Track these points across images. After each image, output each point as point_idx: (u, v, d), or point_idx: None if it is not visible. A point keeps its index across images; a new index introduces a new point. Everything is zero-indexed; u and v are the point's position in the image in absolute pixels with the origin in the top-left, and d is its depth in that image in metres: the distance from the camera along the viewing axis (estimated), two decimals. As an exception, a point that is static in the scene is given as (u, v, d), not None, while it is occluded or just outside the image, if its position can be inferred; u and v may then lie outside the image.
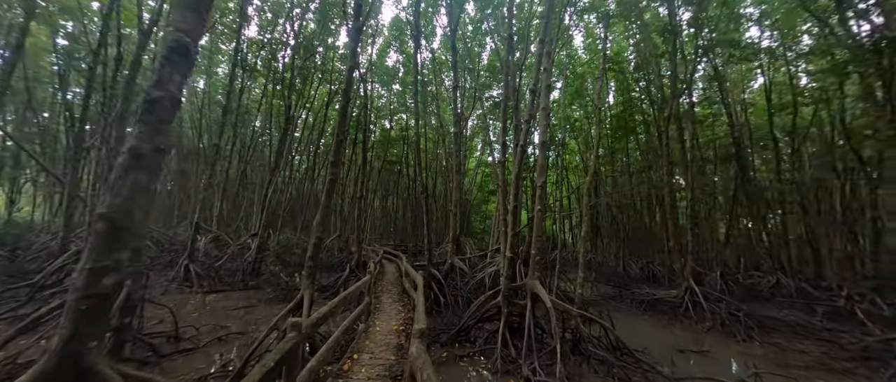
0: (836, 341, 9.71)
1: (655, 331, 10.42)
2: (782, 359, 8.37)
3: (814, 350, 9.10)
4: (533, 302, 7.76)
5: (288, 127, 16.50)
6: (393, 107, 30.41)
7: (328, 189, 7.07)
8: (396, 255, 18.43)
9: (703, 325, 10.76)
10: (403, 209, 35.38)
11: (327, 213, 7.03)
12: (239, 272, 13.73)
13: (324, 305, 7.14)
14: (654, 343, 8.79)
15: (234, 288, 12.89)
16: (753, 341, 9.46)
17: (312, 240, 6.91)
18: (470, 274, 11.39)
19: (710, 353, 8.52)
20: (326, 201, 7.08)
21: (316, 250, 6.87)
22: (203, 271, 13.41)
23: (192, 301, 10.90)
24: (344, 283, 12.29)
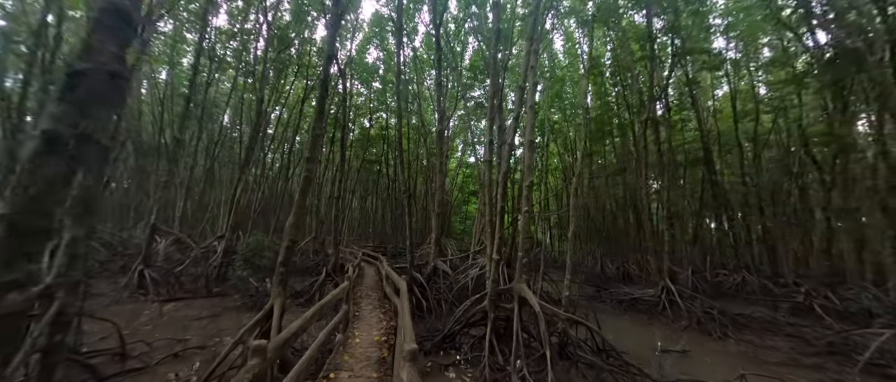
0: (801, 336, 10.11)
1: (636, 331, 10.45)
2: (756, 356, 8.55)
3: (783, 346, 9.40)
4: (520, 306, 7.47)
5: (260, 121, 15.44)
6: (372, 106, 29.53)
7: (303, 187, 6.43)
8: (376, 257, 17.73)
9: (680, 323, 10.92)
10: (382, 210, 34.52)
11: (301, 213, 6.40)
12: (203, 278, 12.61)
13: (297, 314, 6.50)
14: (635, 344, 8.74)
15: (198, 295, 11.81)
16: (728, 338, 9.65)
17: (285, 243, 6.25)
18: (453, 276, 10.98)
19: (689, 353, 8.56)
20: (301, 200, 6.44)
21: (288, 254, 6.22)
22: (161, 277, 12.20)
23: (148, 311, 9.81)
24: (320, 289, 11.53)
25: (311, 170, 6.45)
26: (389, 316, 7.34)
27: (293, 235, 6.27)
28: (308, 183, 6.41)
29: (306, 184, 6.39)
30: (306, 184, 6.39)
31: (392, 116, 32.04)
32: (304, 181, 6.40)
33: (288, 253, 6.23)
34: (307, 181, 6.40)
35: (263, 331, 5.87)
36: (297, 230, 6.35)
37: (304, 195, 6.41)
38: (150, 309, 9.98)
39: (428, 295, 10.23)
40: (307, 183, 6.39)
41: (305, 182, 6.40)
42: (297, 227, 6.33)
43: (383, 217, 34.25)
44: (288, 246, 6.24)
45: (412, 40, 23.07)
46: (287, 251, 6.23)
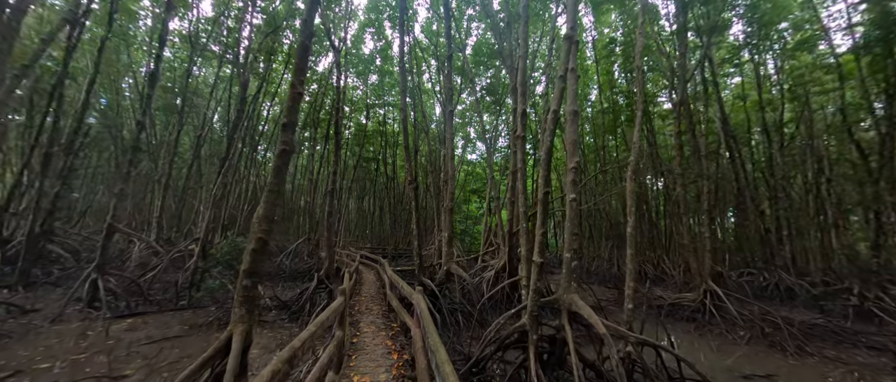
0: (885, 348, 8.34)
1: (690, 346, 8.57)
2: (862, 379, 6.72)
3: (875, 363, 7.59)
4: (570, 322, 5.54)
5: (243, 108, 13.38)
6: (370, 101, 27.55)
7: (277, 164, 4.47)
8: (375, 260, 15.71)
9: (737, 334, 9.08)
10: (380, 210, 32.47)
11: (275, 201, 4.42)
12: (173, 286, 10.50)
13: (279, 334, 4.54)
14: (703, 366, 6.86)
15: (165, 308, 9.70)
16: (807, 355, 7.82)
17: (250, 245, 4.26)
18: (471, 283, 9.01)
19: (777, 378, 6.70)
20: (275, 182, 4.46)
21: (256, 260, 4.23)
22: (122, 287, 10.08)
23: (94, 330, 7.71)
24: (310, 298, 9.49)
25: (287, 142, 4.49)
26: (398, 343, 5.37)
27: (263, 231, 4.29)
28: (284, 158, 4.45)
29: (282, 159, 4.43)
30: (282, 161, 4.43)
31: (391, 111, 30.14)
32: (280, 156, 4.44)
33: (255, 258, 4.23)
34: (283, 156, 4.44)
35: (216, 375, 3.87)
36: (268, 224, 4.36)
37: (279, 175, 4.44)
38: (100, 327, 7.86)
39: (442, 306, 8.26)
40: (283, 158, 4.44)
41: (280, 157, 4.44)
42: (268, 221, 4.35)
43: (382, 217, 32.20)
44: (255, 250, 4.25)
45: (411, 27, 21.14)
46: (254, 256, 4.24)
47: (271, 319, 9.22)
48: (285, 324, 8.80)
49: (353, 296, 8.72)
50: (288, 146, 4.63)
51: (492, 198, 18.64)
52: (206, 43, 18.16)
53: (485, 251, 15.26)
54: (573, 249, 5.81)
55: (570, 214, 5.93)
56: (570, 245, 5.81)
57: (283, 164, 4.60)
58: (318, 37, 21.84)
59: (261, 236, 4.35)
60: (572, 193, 5.92)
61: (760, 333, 8.70)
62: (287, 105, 4.73)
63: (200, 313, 9.48)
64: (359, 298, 8.32)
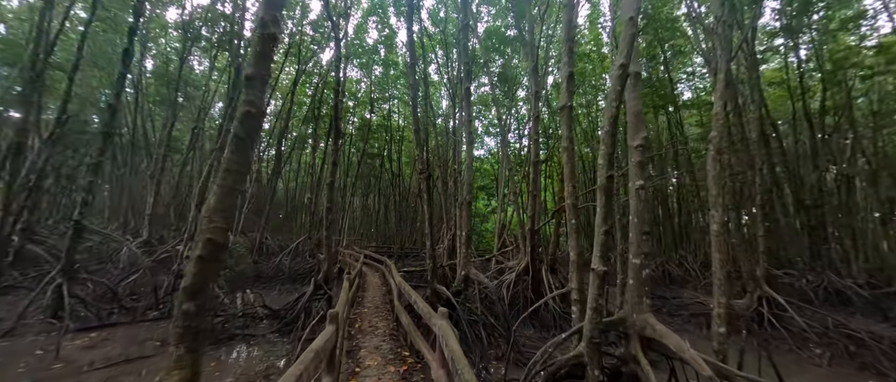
0: None
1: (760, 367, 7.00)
2: None
3: None
4: (644, 349, 4.03)
5: (237, 95, 11.99)
6: (374, 95, 26.13)
7: (238, 132, 3.00)
8: (380, 260, 14.29)
9: (810, 353, 7.49)
10: (385, 208, 31.07)
11: (233, 185, 2.96)
12: (151, 293, 9.14)
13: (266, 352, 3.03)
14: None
15: (141, 318, 8.33)
16: (915, 381, 6.23)
17: (196, 251, 2.82)
18: (492, 289, 7.51)
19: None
20: (234, 158, 3.00)
21: (203, 274, 2.78)
22: (93, 295, 8.74)
23: (49, 346, 6.34)
24: (306, 309, 8.06)
25: (254, 102, 3.05)
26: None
27: (217, 230, 2.85)
28: (249, 125, 2.99)
29: (245, 126, 2.96)
30: (245, 127, 2.96)
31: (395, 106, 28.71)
32: (242, 120, 2.98)
33: (202, 270, 2.78)
34: (247, 121, 2.98)
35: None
36: (225, 220, 2.91)
37: (241, 149, 2.97)
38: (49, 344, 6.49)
39: (460, 318, 6.78)
40: (247, 125, 2.97)
41: (244, 122, 2.98)
42: (223, 214, 2.90)
43: (387, 215, 30.81)
44: (202, 258, 2.79)
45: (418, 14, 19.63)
46: (200, 267, 2.78)
47: (261, 332, 7.81)
48: (275, 338, 7.38)
49: (355, 307, 7.28)
50: (254, 106, 3.16)
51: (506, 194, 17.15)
52: (199, 29, 16.87)
53: (500, 251, 13.76)
54: (643, 253, 4.30)
55: (636, 207, 4.41)
56: (638, 247, 4.30)
57: (247, 133, 3.13)
58: (319, 24, 20.51)
59: (211, 237, 2.89)
60: (640, 179, 4.40)
61: (844, 351, 7.11)
62: (255, 50, 3.26)
63: (181, 323, 8.11)
64: (361, 310, 6.87)
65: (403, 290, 5.81)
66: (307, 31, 20.91)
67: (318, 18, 20.29)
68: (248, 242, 19.72)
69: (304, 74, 21.94)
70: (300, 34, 20.75)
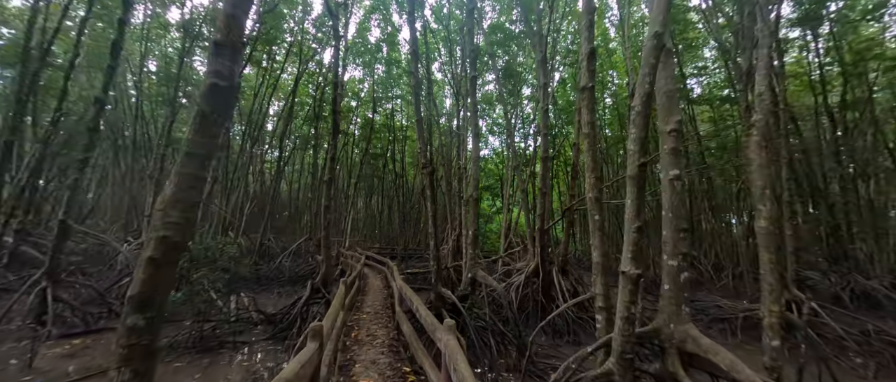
0: None
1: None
2: None
3: None
4: (685, 365, 3.42)
5: (232, 91, 11.53)
6: (377, 94, 25.68)
7: (203, 109, 2.45)
8: (383, 262, 13.74)
9: (850, 363, 6.79)
10: (389, 209, 30.58)
11: (197, 172, 2.43)
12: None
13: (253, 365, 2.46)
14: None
15: (129, 322, 7.83)
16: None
17: (146, 252, 2.27)
18: (501, 293, 6.90)
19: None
20: (200, 140, 2.46)
21: (153, 281, 2.22)
22: (82, 299, 8.29)
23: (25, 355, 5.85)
24: (302, 313, 7.53)
25: (222, 73, 2.49)
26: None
27: (174, 227, 2.30)
28: (217, 96, 2.44)
29: (211, 99, 2.41)
30: (212, 102, 2.41)
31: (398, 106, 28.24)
32: (208, 94, 2.43)
33: (152, 276, 2.24)
34: (213, 94, 2.43)
35: None
36: (183, 216, 2.37)
37: (206, 129, 2.40)
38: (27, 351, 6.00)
39: (467, 324, 6.19)
40: (213, 97, 2.42)
41: (209, 96, 2.43)
42: (181, 209, 2.35)
43: (390, 216, 30.31)
44: (153, 260, 2.25)
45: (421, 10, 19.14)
46: (151, 270, 2.24)
47: (254, 338, 7.28)
48: (268, 346, 6.85)
49: (354, 312, 6.72)
50: (223, 78, 2.62)
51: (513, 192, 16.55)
52: (199, 27, 16.54)
53: (507, 252, 13.14)
54: (680, 253, 3.69)
55: (671, 200, 3.82)
56: (675, 247, 3.69)
57: (214, 109, 2.59)
58: (321, 22, 20.11)
59: (166, 235, 2.34)
60: (675, 168, 3.80)
61: (891, 361, 6.40)
62: (226, 12, 2.72)
63: (169, 329, 7.61)
64: (359, 316, 6.31)
65: (405, 295, 5.24)
66: (309, 29, 20.54)
67: (320, 17, 19.89)
68: (250, 243, 19.32)
69: (305, 74, 21.57)
70: (302, 33, 20.39)
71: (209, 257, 7.48)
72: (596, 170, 4.35)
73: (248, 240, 19.14)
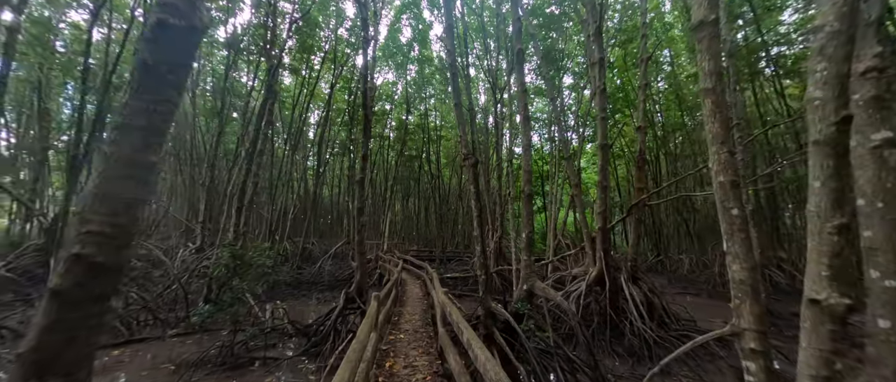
0: None
1: None
2: None
3: None
4: None
5: (269, 95, 11.34)
6: (410, 93, 25.18)
7: (144, 57, 1.59)
8: (420, 266, 12.84)
9: None
10: (426, 210, 29.97)
11: (140, 148, 1.54)
12: (183, 303, 8.49)
13: None
14: None
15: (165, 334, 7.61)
16: None
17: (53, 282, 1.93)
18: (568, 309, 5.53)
19: None
20: (142, 98, 1.59)
21: (62, 330, 1.35)
22: (137, 307, 8.27)
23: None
24: (335, 325, 6.75)
25: (179, 8, 1.63)
26: None
27: (92, 241, 1.43)
28: (166, 39, 1.57)
29: (157, 45, 1.56)
30: (158, 48, 1.56)
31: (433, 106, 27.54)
32: (152, 37, 1.58)
33: (60, 321, 1.37)
34: (161, 36, 1.57)
35: None
36: (113, 218, 1.50)
37: (151, 81, 1.56)
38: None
39: (525, 346, 4.94)
40: (161, 40, 1.56)
41: (153, 39, 1.58)
42: (113, 207, 1.48)
43: (427, 218, 29.66)
44: (57, 295, 1.38)
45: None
46: (57, 311, 1.37)
47: (286, 354, 6.63)
48: (300, 365, 6.12)
49: (389, 327, 5.77)
50: (177, 15, 1.70)
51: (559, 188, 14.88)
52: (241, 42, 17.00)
53: (558, 255, 11.58)
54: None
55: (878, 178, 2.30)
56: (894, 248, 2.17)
57: (164, 60, 1.69)
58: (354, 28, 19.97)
59: (82, 253, 1.44)
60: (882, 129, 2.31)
61: None
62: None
63: (207, 339, 7.24)
64: (396, 336, 5.32)
65: (451, 319, 4.14)
66: (342, 35, 20.50)
67: (353, 22, 19.72)
68: (294, 247, 19.59)
69: (340, 80, 21.59)
70: (336, 40, 20.39)
71: (248, 263, 7.00)
72: (727, 141, 2.92)
73: (293, 244, 19.38)
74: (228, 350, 6.07)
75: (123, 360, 6.04)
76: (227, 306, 7.23)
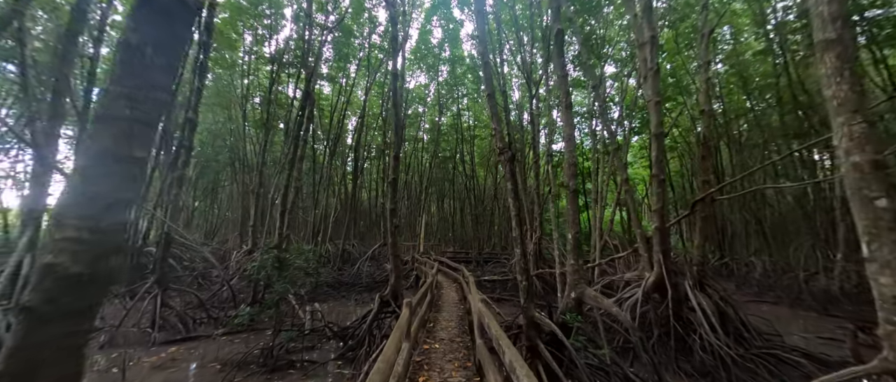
0: None
1: None
2: None
3: None
4: None
5: (305, 103, 11.69)
6: (442, 99, 25.03)
7: (129, 36, 1.38)
8: (456, 268, 12.44)
9: None
10: (461, 212, 29.59)
11: (124, 131, 1.36)
12: (231, 303, 8.88)
13: None
14: None
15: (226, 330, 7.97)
16: None
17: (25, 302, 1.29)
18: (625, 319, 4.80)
19: None
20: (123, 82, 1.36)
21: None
22: (191, 305, 8.84)
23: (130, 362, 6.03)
24: (370, 330, 6.57)
25: None
26: None
27: (66, 250, 1.21)
28: (149, 15, 1.35)
29: (143, 20, 1.34)
30: (144, 24, 1.34)
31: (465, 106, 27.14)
32: (137, 18, 1.36)
33: (28, 345, 1.15)
34: (145, 17, 1.34)
35: None
36: (91, 223, 1.27)
37: (131, 65, 1.35)
38: (136, 358, 6.22)
39: (576, 365, 4.31)
40: (145, 19, 1.35)
41: (138, 20, 1.37)
42: (85, 208, 1.26)
43: (462, 219, 29.25)
44: (29, 311, 1.17)
45: None
46: (28, 330, 1.16)
47: (324, 357, 6.57)
48: (337, 369, 6.00)
49: (423, 333, 5.43)
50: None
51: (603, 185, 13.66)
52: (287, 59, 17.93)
53: (607, 258, 10.53)
54: None
55: None
56: None
57: (150, 41, 1.45)
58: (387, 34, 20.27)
59: (56, 262, 1.23)
60: None
61: None
62: None
63: (253, 338, 7.47)
64: (431, 346, 4.96)
65: (490, 331, 3.67)
66: (375, 41, 20.90)
67: (385, 27, 19.99)
68: (335, 249, 20.24)
69: (375, 85, 22.03)
70: (370, 47, 20.83)
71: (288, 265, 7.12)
72: (861, 108, 2.15)
73: (334, 246, 20.02)
74: (269, 352, 6.12)
75: (177, 358, 6.36)
76: (270, 307, 7.41)
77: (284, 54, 18.66)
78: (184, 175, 8.31)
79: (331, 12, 16.53)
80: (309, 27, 13.61)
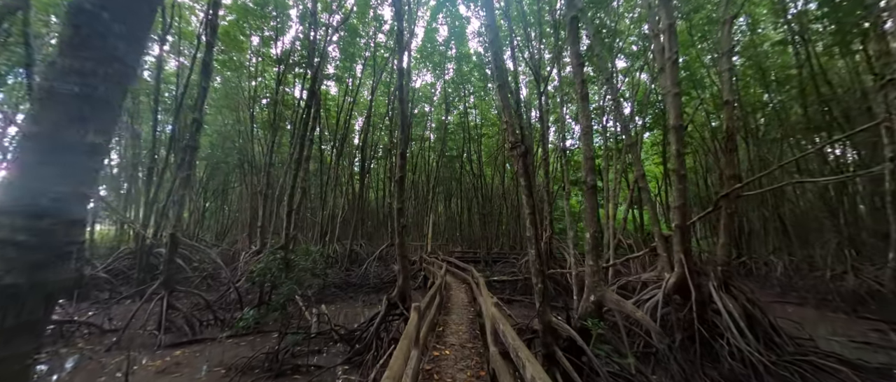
0: None
1: None
2: None
3: None
4: None
5: (310, 102, 11.53)
6: (448, 92, 24.73)
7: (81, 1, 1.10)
8: (465, 269, 12.14)
9: None
10: (469, 211, 29.27)
11: (73, 130, 0.95)
12: (237, 305, 8.74)
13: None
14: None
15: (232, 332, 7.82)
16: None
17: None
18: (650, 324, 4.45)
19: None
20: (75, 55, 1.14)
21: None
22: (198, 307, 8.73)
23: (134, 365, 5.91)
24: (377, 333, 6.33)
25: None
26: None
27: (2, 258, 0.99)
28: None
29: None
30: None
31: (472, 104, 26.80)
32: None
33: None
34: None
35: None
36: (32, 221, 1.05)
37: (83, 39, 1.15)
38: (143, 360, 6.09)
39: (596, 372, 3.98)
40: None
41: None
42: (24, 206, 1.05)
43: (470, 219, 28.92)
44: None
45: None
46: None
47: (330, 361, 6.35)
48: (342, 374, 5.77)
49: (433, 338, 5.15)
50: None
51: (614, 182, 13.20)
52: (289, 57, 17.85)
53: (622, 258, 10.12)
54: None
55: None
56: None
57: (108, 6, 1.22)
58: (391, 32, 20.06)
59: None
60: None
61: None
62: None
63: (259, 341, 7.30)
64: (441, 352, 4.68)
65: (506, 340, 3.37)
66: (381, 40, 20.71)
67: (390, 26, 19.78)
68: (343, 249, 20.13)
69: (380, 84, 21.86)
70: (375, 46, 20.66)
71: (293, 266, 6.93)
72: None
73: (341, 246, 19.91)
74: (274, 356, 5.92)
75: (181, 362, 6.20)
76: (276, 309, 7.22)
77: (291, 55, 18.60)
78: (190, 175, 8.21)
79: (336, 11, 16.39)
80: (314, 27, 13.47)
